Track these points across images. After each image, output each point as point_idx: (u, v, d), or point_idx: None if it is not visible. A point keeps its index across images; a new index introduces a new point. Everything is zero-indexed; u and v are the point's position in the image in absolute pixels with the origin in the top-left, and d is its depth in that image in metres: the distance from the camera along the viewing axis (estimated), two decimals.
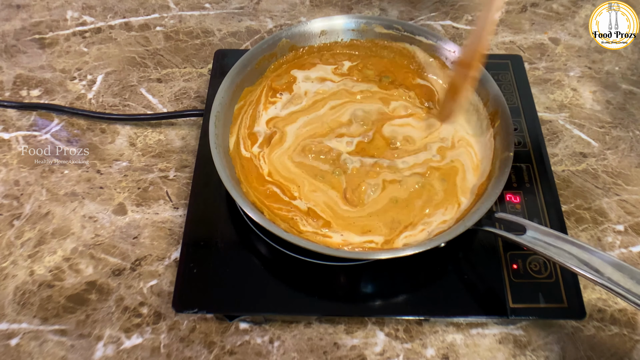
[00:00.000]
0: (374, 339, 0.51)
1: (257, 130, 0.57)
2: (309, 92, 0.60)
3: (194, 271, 0.50)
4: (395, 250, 0.46)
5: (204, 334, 0.51)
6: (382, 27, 0.62)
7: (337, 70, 0.62)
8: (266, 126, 0.57)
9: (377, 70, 0.62)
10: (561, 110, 0.69)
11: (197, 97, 0.70)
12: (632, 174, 0.63)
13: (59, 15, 0.80)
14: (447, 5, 0.83)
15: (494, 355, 0.50)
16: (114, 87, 0.71)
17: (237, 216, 0.54)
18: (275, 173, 0.53)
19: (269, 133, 0.57)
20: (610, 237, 0.58)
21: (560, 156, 0.65)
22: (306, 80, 0.61)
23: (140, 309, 0.52)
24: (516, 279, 0.50)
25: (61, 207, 0.59)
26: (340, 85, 0.61)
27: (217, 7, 0.82)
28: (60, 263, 0.55)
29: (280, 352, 0.50)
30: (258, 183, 0.53)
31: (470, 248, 0.52)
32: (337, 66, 0.63)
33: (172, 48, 0.76)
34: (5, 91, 0.70)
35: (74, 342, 0.50)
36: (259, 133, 0.57)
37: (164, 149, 0.65)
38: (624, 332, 0.51)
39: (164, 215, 0.59)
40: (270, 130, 0.57)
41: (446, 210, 0.51)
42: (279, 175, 0.53)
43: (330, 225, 0.50)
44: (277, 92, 0.60)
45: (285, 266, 0.51)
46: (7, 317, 0.52)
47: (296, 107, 0.59)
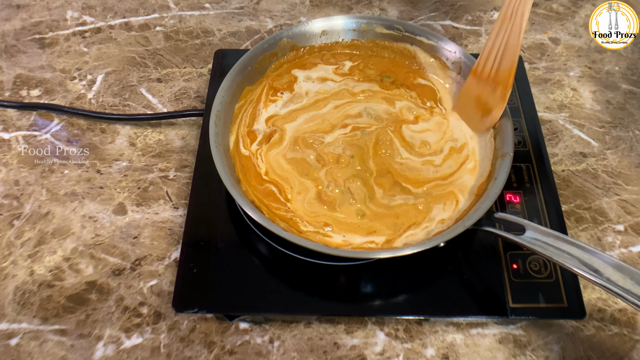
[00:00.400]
0: (374, 338, 0.51)
1: (256, 128, 0.57)
2: (310, 92, 0.60)
3: (194, 271, 0.50)
4: (395, 250, 0.46)
5: (204, 334, 0.51)
6: (382, 27, 0.62)
7: (338, 70, 0.62)
8: (266, 124, 0.58)
9: (379, 70, 0.63)
10: (561, 110, 0.69)
11: (197, 97, 0.70)
12: (632, 174, 0.63)
13: (59, 15, 0.80)
14: (447, 5, 0.83)
15: (494, 355, 0.50)
16: (114, 87, 0.71)
17: (237, 216, 0.54)
18: (271, 171, 0.54)
19: (269, 132, 0.57)
20: (610, 237, 0.58)
21: (560, 156, 0.65)
22: (307, 80, 0.61)
23: (140, 309, 0.52)
24: (516, 279, 0.50)
25: (61, 207, 0.59)
26: (341, 85, 0.61)
27: (217, 7, 0.82)
28: (60, 263, 0.55)
29: (280, 352, 0.50)
30: (257, 182, 0.53)
31: (470, 248, 0.52)
32: (338, 66, 0.63)
33: (172, 48, 0.76)
34: (5, 91, 0.70)
35: (74, 342, 0.50)
36: (258, 131, 0.57)
37: (164, 148, 0.65)
38: (624, 332, 0.51)
39: (164, 215, 0.59)
40: (269, 129, 0.57)
41: (445, 206, 0.51)
42: (274, 173, 0.53)
43: (329, 225, 0.50)
44: (277, 91, 0.60)
45: (285, 266, 0.51)
46: (7, 317, 0.52)
47: (296, 106, 0.59)
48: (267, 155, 0.55)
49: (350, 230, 0.50)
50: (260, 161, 0.54)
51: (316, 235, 0.49)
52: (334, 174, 0.53)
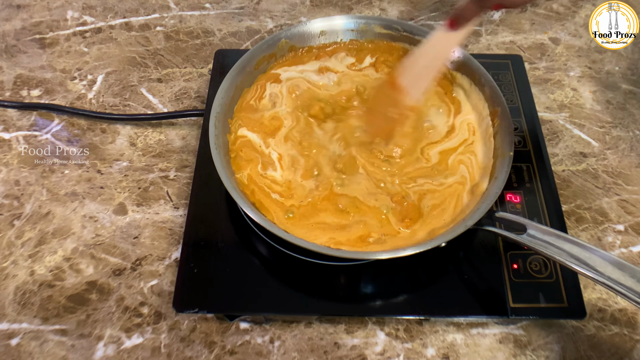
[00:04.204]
0: (374, 338, 0.51)
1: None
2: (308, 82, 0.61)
3: (194, 271, 0.50)
4: (395, 250, 0.46)
5: (205, 334, 0.51)
6: (381, 27, 0.62)
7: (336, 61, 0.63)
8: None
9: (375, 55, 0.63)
10: (561, 110, 0.69)
11: (198, 97, 0.70)
12: (632, 174, 0.63)
13: (59, 15, 0.80)
14: (447, 5, 0.83)
15: (494, 355, 0.50)
16: (115, 87, 0.71)
17: (237, 216, 0.54)
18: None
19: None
20: (611, 236, 0.58)
21: (561, 156, 0.65)
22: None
23: (140, 309, 0.52)
24: (516, 279, 0.50)
25: (61, 207, 0.60)
26: (340, 75, 0.62)
27: (217, 7, 0.82)
28: (61, 263, 0.55)
29: (280, 351, 0.50)
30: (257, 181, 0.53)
31: (471, 248, 0.52)
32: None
33: (173, 48, 0.76)
34: (5, 91, 0.70)
35: (74, 342, 0.50)
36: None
37: (164, 148, 0.65)
38: (624, 332, 0.51)
39: (164, 215, 0.59)
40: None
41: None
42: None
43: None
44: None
45: (285, 266, 0.51)
46: (7, 317, 0.52)
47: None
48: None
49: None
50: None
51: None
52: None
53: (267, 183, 0.52)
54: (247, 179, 0.52)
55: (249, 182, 0.52)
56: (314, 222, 0.50)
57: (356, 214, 0.51)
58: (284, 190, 0.52)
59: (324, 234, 0.49)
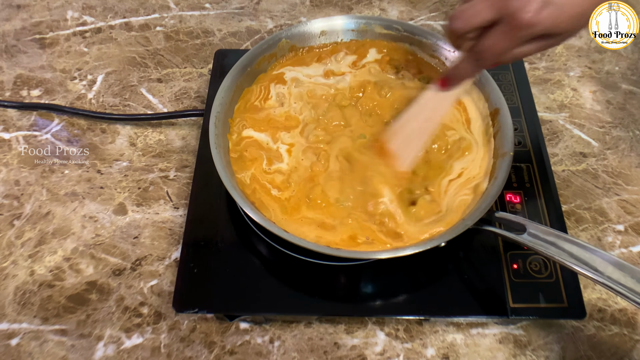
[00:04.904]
0: (374, 338, 0.51)
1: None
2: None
3: (194, 271, 0.50)
4: (395, 250, 0.46)
5: (205, 334, 0.51)
6: (381, 27, 0.62)
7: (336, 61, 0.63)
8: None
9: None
10: (561, 110, 0.69)
11: (198, 97, 0.70)
12: (632, 174, 0.63)
13: (59, 15, 0.80)
14: (447, 5, 0.83)
15: (494, 355, 0.50)
16: (114, 87, 0.71)
17: (237, 216, 0.54)
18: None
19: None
20: (611, 237, 0.58)
21: (560, 156, 0.65)
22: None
23: (140, 309, 0.52)
24: (516, 279, 0.50)
25: (61, 207, 0.60)
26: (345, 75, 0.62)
27: (217, 7, 0.82)
28: (61, 263, 0.55)
29: (280, 352, 0.50)
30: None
31: (471, 248, 0.52)
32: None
33: (173, 48, 0.76)
34: (5, 91, 0.70)
35: (74, 342, 0.50)
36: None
37: (164, 149, 0.65)
38: (624, 332, 0.51)
39: (164, 215, 0.59)
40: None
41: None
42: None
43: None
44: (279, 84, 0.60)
45: (285, 266, 0.51)
46: (7, 317, 0.52)
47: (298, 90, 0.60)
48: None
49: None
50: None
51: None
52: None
53: (269, 179, 0.52)
54: (250, 178, 0.52)
55: (251, 181, 0.52)
56: (303, 216, 0.50)
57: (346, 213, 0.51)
58: (284, 179, 0.52)
59: (310, 231, 0.49)
